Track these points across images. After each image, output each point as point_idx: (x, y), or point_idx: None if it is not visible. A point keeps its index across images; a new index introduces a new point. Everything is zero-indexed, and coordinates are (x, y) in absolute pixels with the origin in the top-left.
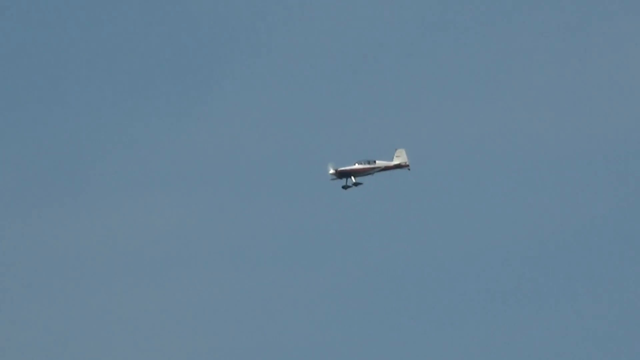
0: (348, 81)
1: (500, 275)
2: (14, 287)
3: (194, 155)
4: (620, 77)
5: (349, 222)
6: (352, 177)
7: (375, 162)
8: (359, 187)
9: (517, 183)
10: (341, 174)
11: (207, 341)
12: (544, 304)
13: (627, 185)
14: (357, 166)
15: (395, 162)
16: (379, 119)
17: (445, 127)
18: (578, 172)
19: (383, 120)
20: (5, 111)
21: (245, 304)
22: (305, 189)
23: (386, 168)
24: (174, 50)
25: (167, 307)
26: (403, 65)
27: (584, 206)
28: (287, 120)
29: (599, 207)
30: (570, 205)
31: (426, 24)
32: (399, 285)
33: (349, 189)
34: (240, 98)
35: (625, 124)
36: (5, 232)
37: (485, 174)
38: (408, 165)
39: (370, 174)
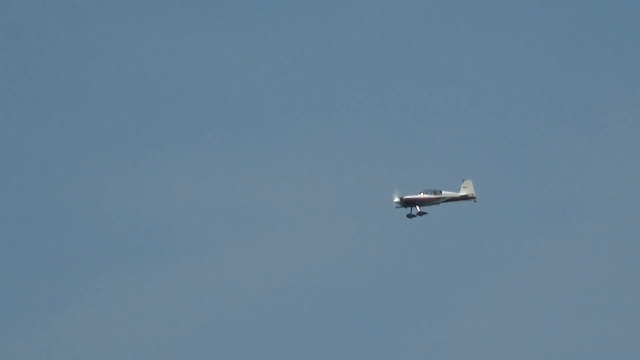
0: (419, 110)
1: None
2: None
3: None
4: None
5: (412, 252)
6: (417, 207)
7: (441, 192)
8: (424, 216)
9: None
10: (406, 203)
11: None
12: None
13: None
14: (422, 195)
15: (462, 193)
16: (447, 148)
17: (514, 160)
18: None
19: (452, 150)
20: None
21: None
22: (371, 217)
23: (452, 199)
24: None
25: None
26: (474, 95)
27: None
28: (355, 148)
29: None
30: None
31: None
32: (459, 317)
33: (413, 218)
34: (312, 128)
35: None
36: None
37: (555, 209)
38: (475, 197)
39: (435, 204)
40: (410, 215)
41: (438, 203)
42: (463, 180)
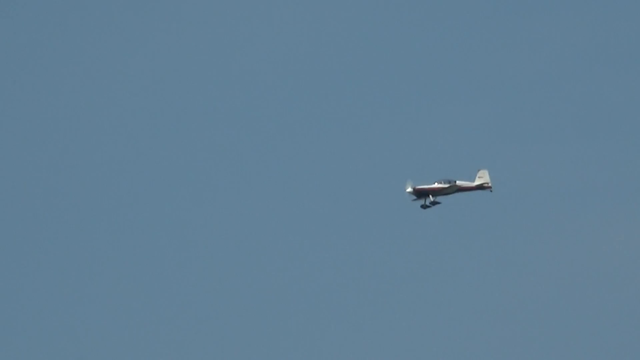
0: (433, 99)
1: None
2: None
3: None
4: None
5: (425, 242)
6: (430, 196)
7: (455, 182)
8: (437, 206)
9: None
10: (419, 193)
11: None
12: None
13: None
14: (436, 185)
15: (477, 182)
16: (463, 137)
17: (531, 149)
18: None
19: (467, 139)
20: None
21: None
22: (384, 208)
23: (467, 189)
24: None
25: None
26: (491, 87)
27: None
28: (370, 138)
29: None
30: None
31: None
32: (480, 309)
33: (427, 209)
34: (330, 119)
35: None
36: None
37: (572, 199)
38: (490, 187)
39: (450, 193)
40: (424, 206)
41: (452, 193)
42: (479, 170)
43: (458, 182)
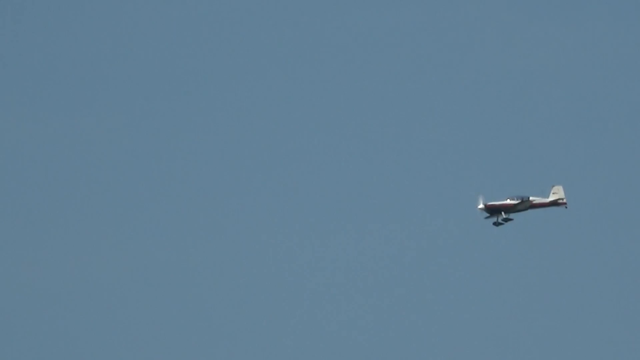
0: (506, 114)
1: None
2: None
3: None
4: None
5: (498, 260)
6: (502, 213)
7: (529, 198)
8: (510, 222)
9: None
10: (491, 209)
11: None
12: None
13: None
14: (508, 201)
15: (552, 198)
16: (537, 152)
17: (608, 164)
18: None
19: (541, 154)
20: None
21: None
22: (456, 223)
23: (541, 205)
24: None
25: None
26: (565, 100)
27: None
28: (442, 152)
29: None
30: None
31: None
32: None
33: (500, 226)
34: (396, 132)
35: None
36: None
37: None
38: (565, 203)
39: (523, 210)
40: (497, 223)
41: (525, 209)
42: (553, 186)
43: (531, 198)
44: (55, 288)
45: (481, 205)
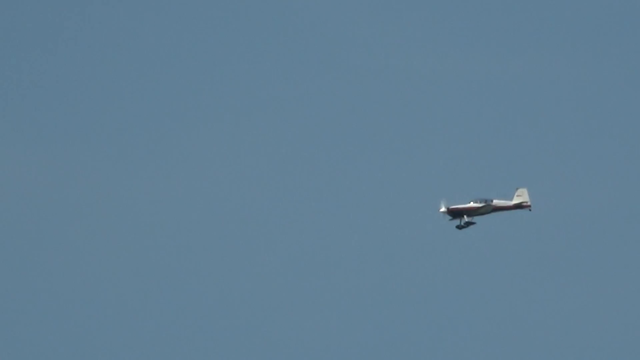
0: (463, 115)
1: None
2: None
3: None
4: None
5: (460, 264)
6: (465, 216)
7: (492, 201)
8: (472, 227)
9: None
10: (453, 213)
11: None
12: None
13: None
14: (472, 204)
15: (515, 201)
16: (498, 155)
17: (573, 165)
18: None
19: (503, 156)
20: None
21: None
22: (417, 227)
23: (505, 208)
24: None
25: None
26: (527, 102)
27: None
28: (403, 154)
29: None
30: None
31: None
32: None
33: (463, 229)
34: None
35: None
36: None
37: (617, 219)
38: (529, 206)
39: (485, 213)
40: (460, 227)
41: (488, 212)
42: (517, 189)
43: (495, 201)
44: (55, 288)
45: (443, 209)
